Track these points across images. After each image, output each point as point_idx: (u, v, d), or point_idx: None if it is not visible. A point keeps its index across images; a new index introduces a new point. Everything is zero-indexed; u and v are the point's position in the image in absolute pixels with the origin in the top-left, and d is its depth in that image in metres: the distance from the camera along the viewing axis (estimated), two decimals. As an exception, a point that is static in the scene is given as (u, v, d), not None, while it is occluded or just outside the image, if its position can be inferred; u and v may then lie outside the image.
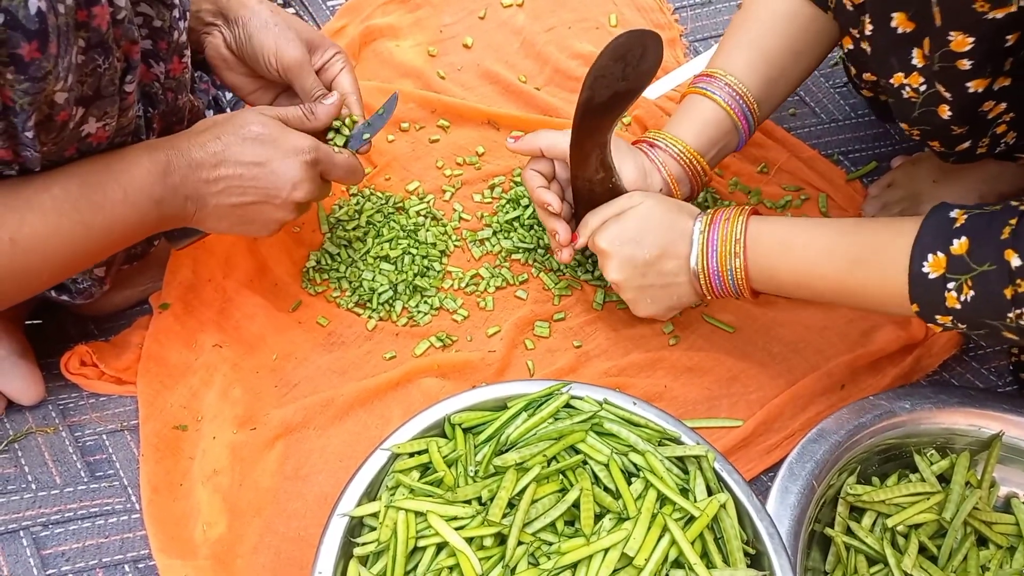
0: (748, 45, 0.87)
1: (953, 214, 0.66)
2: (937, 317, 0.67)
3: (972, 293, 0.63)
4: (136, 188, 0.68)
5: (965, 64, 0.68)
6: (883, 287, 0.69)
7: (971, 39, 0.66)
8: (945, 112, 0.73)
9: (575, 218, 0.88)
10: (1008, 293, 0.62)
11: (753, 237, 0.76)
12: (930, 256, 0.65)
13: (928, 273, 0.66)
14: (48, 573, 0.72)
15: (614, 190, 0.83)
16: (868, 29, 0.75)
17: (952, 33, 0.66)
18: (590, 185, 0.83)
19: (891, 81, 0.76)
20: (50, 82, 0.56)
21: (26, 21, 0.53)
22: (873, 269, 0.70)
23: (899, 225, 0.69)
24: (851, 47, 0.81)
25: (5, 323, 0.82)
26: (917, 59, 0.72)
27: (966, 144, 0.78)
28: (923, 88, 0.73)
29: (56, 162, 0.65)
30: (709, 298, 0.82)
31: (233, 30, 0.81)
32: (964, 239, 0.64)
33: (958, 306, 0.65)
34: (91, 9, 0.58)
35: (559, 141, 0.83)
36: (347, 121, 0.83)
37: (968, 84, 0.69)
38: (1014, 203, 0.64)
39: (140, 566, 0.73)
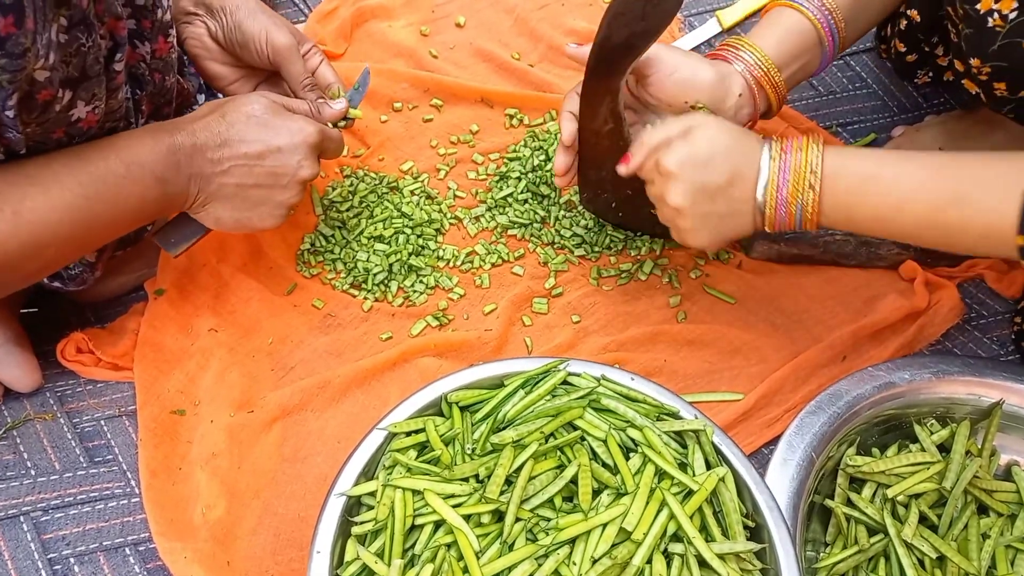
0: None
1: None
2: None
3: None
4: (139, 164, 0.68)
5: None
6: (986, 222, 0.65)
7: None
8: None
9: (579, 175, 0.87)
10: None
11: (832, 169, 0.70)
12: None
13: None
14: (49, 557, 0.72)
15: (623, 146, 0.81)
16: None
17: None
18: (596, 139, 0.81)
19: (977, 7, 0.72)
20: (29, 60, 0.56)
21: None
22: (975, 203, 0.65)
23: (1008, 158, 0.65)
24: None
25: (1, 311, 0.82)
26: None
27: None
28: (1013, 15, 0.70)
29: (42, 143, 0.64)
30: (767, 229, 0.75)
31: (219, 19, 0.81)
32: None
33: None
34: None
35: None
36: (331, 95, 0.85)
37: None
38: None
39: (141, 549, 0.74)
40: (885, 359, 0.84)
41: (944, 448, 0.74)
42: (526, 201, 0.97)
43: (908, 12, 0.90)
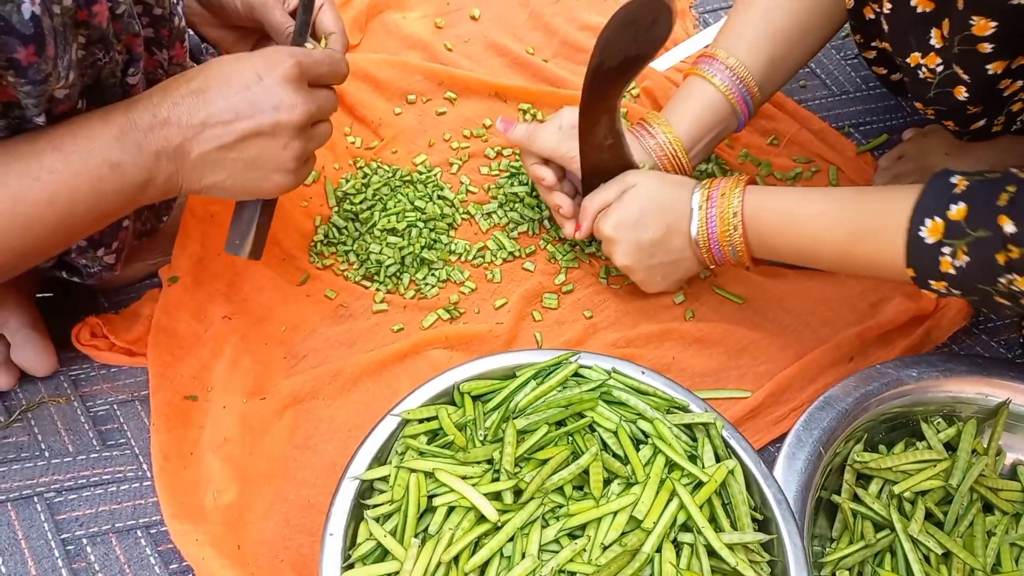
0: (754, 22, 0.86)
1: (954, 180, 0.66)
2: (931, 283, 0.68)
3: (967, 259, 0.64)
4: (83, 153, 0.60)
5: (986, 48, 0.67)
6: (882, 255, 0.70)
7: (993, 24, 0.65)
8: (961, 93, 0.73)
9: (583, 186, 0.88)
10: (1001, 259, 0.62)
11: (751, 211, 0.77)
12: (928, 221, 0.66)
13: (925, 238, 0.66)
14: (62, 537, 0.73)
15: (622, 157, 0.83)
16: (887, 7, 0.74)
17: (974, 17, 0.66)
18: (598, 152, 0.83)
19: (907, 60, 0.75)
20: (51, 83, 0.56)
21: (20, 26, 0.52)
22: (873, 238, 0.71)
23: (900, 193, 0.69)
24: (872, 16, 0.80)
25: (17, 296, 0.83)
26: (935, 39, 0.71)
27: (981, 123, 0.77)
28: (940, 69, 0.73)
29: None
30: (713, 267, 0.83)
31: None
32: (962, 205, 0.64)
33: (952, 271, 0.65)
34: (91, 8, 0.57)
35: (535, 133, 0.86)
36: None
37: (988, 66, 0.69)
38: (1015, 170, 0.64)
39: (152, 531, 0.74)
40: (892, 360, 0.85)
41: (951, 446, 0.75)
42: (537, 196, 0.97)
43: (874, 44, 0.90)
